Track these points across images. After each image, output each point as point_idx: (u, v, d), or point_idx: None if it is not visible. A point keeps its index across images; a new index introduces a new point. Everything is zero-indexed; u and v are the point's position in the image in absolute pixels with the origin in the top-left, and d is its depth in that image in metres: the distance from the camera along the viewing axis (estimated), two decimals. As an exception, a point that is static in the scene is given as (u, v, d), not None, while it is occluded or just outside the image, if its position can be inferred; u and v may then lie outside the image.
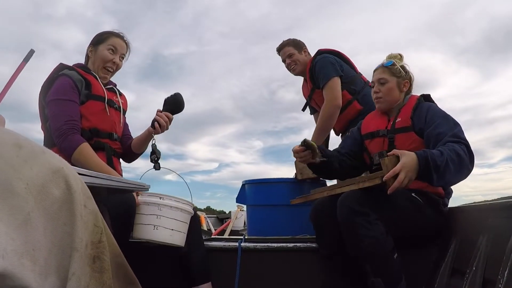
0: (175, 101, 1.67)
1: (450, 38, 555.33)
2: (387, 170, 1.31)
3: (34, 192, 0.51)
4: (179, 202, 1.50)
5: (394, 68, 1.78)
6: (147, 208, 1.44)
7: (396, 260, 1.39)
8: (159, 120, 1.63)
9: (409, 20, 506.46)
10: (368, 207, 1.39)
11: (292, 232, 2.07)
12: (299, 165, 2.25)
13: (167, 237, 1.45)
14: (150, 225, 1.42)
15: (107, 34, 1.79)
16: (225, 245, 1.86)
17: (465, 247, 1.43)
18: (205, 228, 4.16)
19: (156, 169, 1.61)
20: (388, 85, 1.77)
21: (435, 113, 1.61)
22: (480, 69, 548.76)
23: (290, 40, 2.53)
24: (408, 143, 1.63)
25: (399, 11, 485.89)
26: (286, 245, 1.82)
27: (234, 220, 4.25)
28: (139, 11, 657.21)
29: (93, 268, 0.59)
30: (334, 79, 2.29)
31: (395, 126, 1.70)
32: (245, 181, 2.48)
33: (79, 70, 1.69)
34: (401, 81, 1.78)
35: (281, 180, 2.34)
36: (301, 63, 2.51)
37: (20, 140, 0.54)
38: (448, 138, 1.46)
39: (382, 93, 1.78)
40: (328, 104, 2.27)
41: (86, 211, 0.59)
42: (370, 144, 1.82)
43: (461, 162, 1.37)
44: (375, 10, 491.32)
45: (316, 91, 2.46)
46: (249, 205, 2.49)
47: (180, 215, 1.50)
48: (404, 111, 1.72)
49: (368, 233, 1.36)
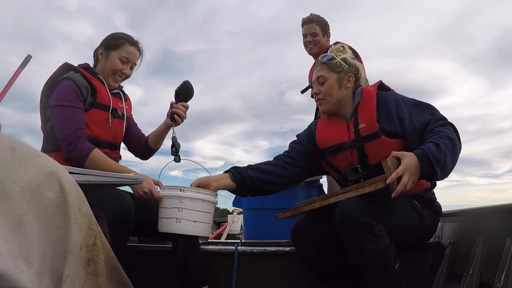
0: (187, 89, 1.68)
1: (461, 46, 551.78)
2: (390, 172, 1.22)
3: (28, 195, 0.51)
4: (200, 193, 1.47)
5: (334, 62, 1.59)
6: (169, 201, 1.44)
7: (397, 270, 1.34)
8: (177, 112, 1.65)
9: (420, 26, 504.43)
10: (372, 217, 1.30)
11: (289, 236, 2.06)
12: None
13: (190, 228, 1.43)
14: (172, 219, 1.42)
15: (122, 41, 1.71)
16: (222, 249, 1.85)
17: (461, 251, 1.43)
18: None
19: (176, 161, 1.62)
20: (328, 83, 1.58)
21: (404, 106, 1.48)
22: (489, 78, 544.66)
23: (319, 18, 2.46)
24: (381, 150, 1.44)
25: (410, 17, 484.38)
26: (283, 249, 1.82)
27: (231, 224, 4.24)
28: (150, 7, 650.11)
29: (88, 271, 0.59)
30: None
31: (360, 135, 1.50)
32: (242, 185, 2.48)
33: (85, 73, 1.64)
34: (343, 76, 1.58)
35: (278, 183, 2.34)
36: (321, 46, 2.46)
37: (15, 143, 0.54)
38: (431, 125, 1.39)
39: (322, 93, 1.59)
40: None
41: (80, 214, 0.59)
42: (335, 159, 1.60)
43: (455, 146, 1.32)
44: (386, 15, 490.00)
45: None
46: (246, 209, 2.49)
47: (202, 205, 1.46)
48: (365, 114, 1.51)
49: (372, 246, 1.28)
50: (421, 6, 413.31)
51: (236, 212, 4.31)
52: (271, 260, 1.81)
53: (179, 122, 1.67)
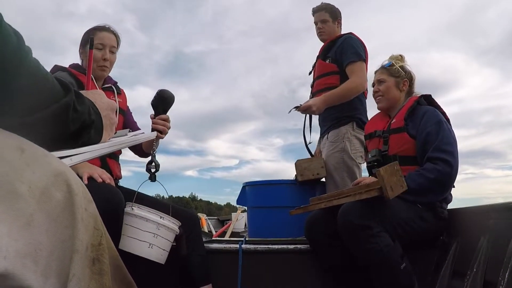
0: (162, 100, 1.56)
1: (472, 38, 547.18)
2: (383, 181, 1.35)
3: (37, 195, 0.52)
4: (175, 224, 1.47)
5: (393, 68, 1.88)
6: (145, 224, 1.40)
7: (404, 270, 1.38)
8: (156, 128, 1.54)
9: (430, 21, 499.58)
10: (370, 219, 1.40)
11: (293, 234, 2.07)
12: (300, 167, 2.26)
13: (158, 256, 1.42)
14: (145, 242, 1.39)
15: (92, 31, 1.73)
16: (226, 247, 1.86)
17: (466, 249, 1.43)
18: (206, 230, 4.16)
19: (151, 181, 1.51)
20: (387, 84, 1.87)
21: (428, 119, 1.66)
22: (501, 70, 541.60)
23: (328, 6, 2.51)
24: (400, 144, 1.71)
25: (419, 11, 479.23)
26: (287, 247, 1.82)
27: (234, 222, 4.25)
28: (159, 9, 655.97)
29: (93, 270, 0.59)
30: (363, 64, 2.29)
31: (390, 127, 1.79)
32: (246, 183, 2.49)
33: (72, 71, 1.66)
34: (400, 80, 1.87)
35: (282, 182, 2.34)
36: (330, 32, 2.49)
37: (23, 144, 0.55)
38: (430, 153, 1.58)
39: (381, 91, 1.88)
40: (357, 82, 2.23)
41: (87, 214, 0.60)
42: (369, 144, 1.92)
43: (431, 186, 1.54)
44: (395, 10, 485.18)
45: (319, 61, 2.47)
46: (250, 207, 2.49)
47: (172, 236, 1.48)
48: (401, 112, 1.78)
49: (372, 246, 1.37)
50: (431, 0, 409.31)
51: (240, 210, 4.32)
52: (275, 258, 1.81)
53: (161, 137, 1.57)
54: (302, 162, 2.27)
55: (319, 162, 2.26)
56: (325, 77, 2.39)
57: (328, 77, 2.37)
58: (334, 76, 2.34)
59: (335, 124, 2.33)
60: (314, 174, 2.23)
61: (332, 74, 2.35)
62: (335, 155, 2.26)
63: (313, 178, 2.24)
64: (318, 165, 2.24)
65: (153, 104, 1.55)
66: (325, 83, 2.37)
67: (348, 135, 2.26)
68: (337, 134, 2.30)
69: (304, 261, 1.79)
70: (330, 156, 2.28)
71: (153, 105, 1.56)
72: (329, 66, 2.38)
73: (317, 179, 2.26)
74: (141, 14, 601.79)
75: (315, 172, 2.24)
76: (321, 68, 2.44)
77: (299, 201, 2.14)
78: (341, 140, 2.27)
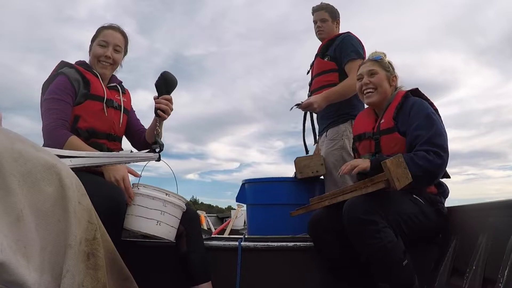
0: (166, 80, 1.57)
1: (471, 38, 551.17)
2: (389, 173, 1.30)
3: (26, 189, 0.51)
4: (181, 200, 1.49)
5: (383, 62, 1.77)
6: (152, 202, 1.42)
7: (406, 267, 1.37)
8: (160, 107, 1.57)
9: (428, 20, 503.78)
10: (375, 214, 1.38)
11: (292, 231, 2.06)
12: (299, 164, 2.25)
13: (166, 233, 1.44)
14: (153, 220, 1.41)
15: (99, 29, 1.76)
16: (225, 245, 1.85)
17: (465, 246, 1.42)
18: (205, 227, 4.15)
19: (156, 161, 1.51)
20: (379, 76, 1.74)
21: (417, 112, 1.59)
22: (501, 69, 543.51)
23: (328, 6, 2.54)
24: (392, 145, 1.63)
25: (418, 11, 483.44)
26: (286, 244, 1.82)
27: (234, 219, 4.24)
28: (158, 13, 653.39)
29: (88, 265, 0.59)
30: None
31: (380, 128, 1.69)
32: (245, 180, 2.48)
33: (79, 67, 1.67)
34: (390, 75, 1.76)
35: (281, 179, 2.34)
36: (329, 31, 2.51)
37: (14, 138, 0.54)
38: (419, 146, 1.51)
39: (373, 83, 1.74)
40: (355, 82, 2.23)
41: (80, 208, 0.59)
42: (359, 146, 1.81)
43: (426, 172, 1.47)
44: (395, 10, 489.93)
45: (318, 59, 2.47)
46: (249, 204, 2.49)
47: (179, 213, 1.50)
48: (389, 111, 1.69)
49: (376, 242, 1.35)
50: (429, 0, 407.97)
51: (239, 207, 4.31)
52: (274, 256, 1.81)
53: (164, 116, 1.59)
54: (301, 159, 2.26)
55: (319, 159, 2.25)
56: (324, 75, 2.39)
57: (327, 75, 2.37)
58: (333, 74, 2.34)
59: (334, 122, 2.33)
60: (314, 172, 2.22)
61: (331, 72, 2.35)
62: (334, 153, 2.25)
63: (312, 176, 2.23)
64: (318, 163, 2.24)
65: (157, 85, 1.58)
66: (324, 80, 2.37)
67: (347, 133, 2.25)
68: (336, 132, 2.30)
69: (303, 258, 1.78)
70: (329, 154, 2.27)
71: (156, 86, 1.58)
72: (328, 64, 2.38)
73: (316, 176, 2.26)
74: (141, 18, 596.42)
75: (314, 169, 2.23)
76: (320, 66, 2.44)
77: (298, 199, 2.13)
78: (340, 138, 2.27)
